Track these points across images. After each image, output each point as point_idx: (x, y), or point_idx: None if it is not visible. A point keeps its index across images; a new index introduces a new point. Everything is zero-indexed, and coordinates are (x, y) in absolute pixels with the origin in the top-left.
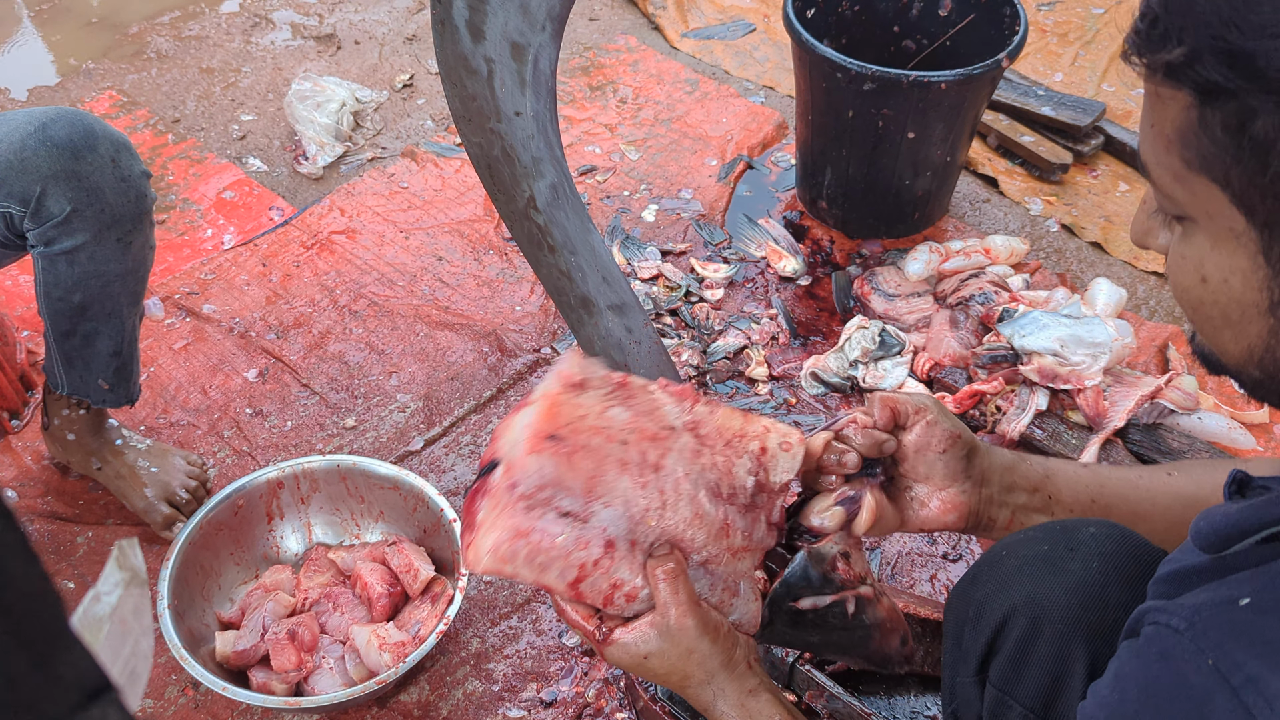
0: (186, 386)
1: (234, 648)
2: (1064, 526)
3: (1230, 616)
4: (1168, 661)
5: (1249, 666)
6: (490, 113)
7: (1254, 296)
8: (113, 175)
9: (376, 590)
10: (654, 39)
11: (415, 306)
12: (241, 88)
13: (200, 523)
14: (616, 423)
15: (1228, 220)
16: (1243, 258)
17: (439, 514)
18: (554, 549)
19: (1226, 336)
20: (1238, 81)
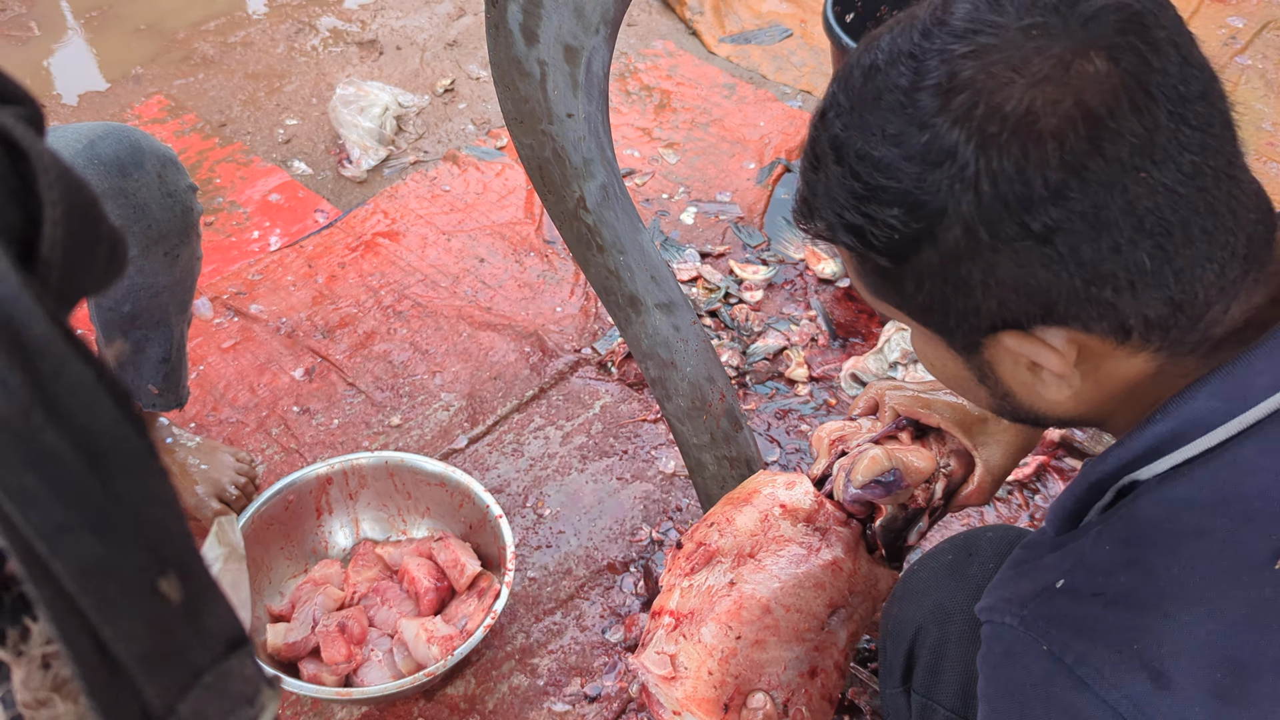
0: (235, 385)
1: (285, 640)
2: (965, 536)
3: (1051, 604)
4: (1011, 656)
5: (1075, 645)
6: (542, 115)
7: (966, 374)
8: (159, 191)
9: (424, 585)
10: (691, 44)
11: (458, 307)
12: (286, 93)
13: (251, 517)
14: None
15: (919, 329)
16: (942, 349)
17: (485, 510)
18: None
19: (972, 397)
20: (860, 249)
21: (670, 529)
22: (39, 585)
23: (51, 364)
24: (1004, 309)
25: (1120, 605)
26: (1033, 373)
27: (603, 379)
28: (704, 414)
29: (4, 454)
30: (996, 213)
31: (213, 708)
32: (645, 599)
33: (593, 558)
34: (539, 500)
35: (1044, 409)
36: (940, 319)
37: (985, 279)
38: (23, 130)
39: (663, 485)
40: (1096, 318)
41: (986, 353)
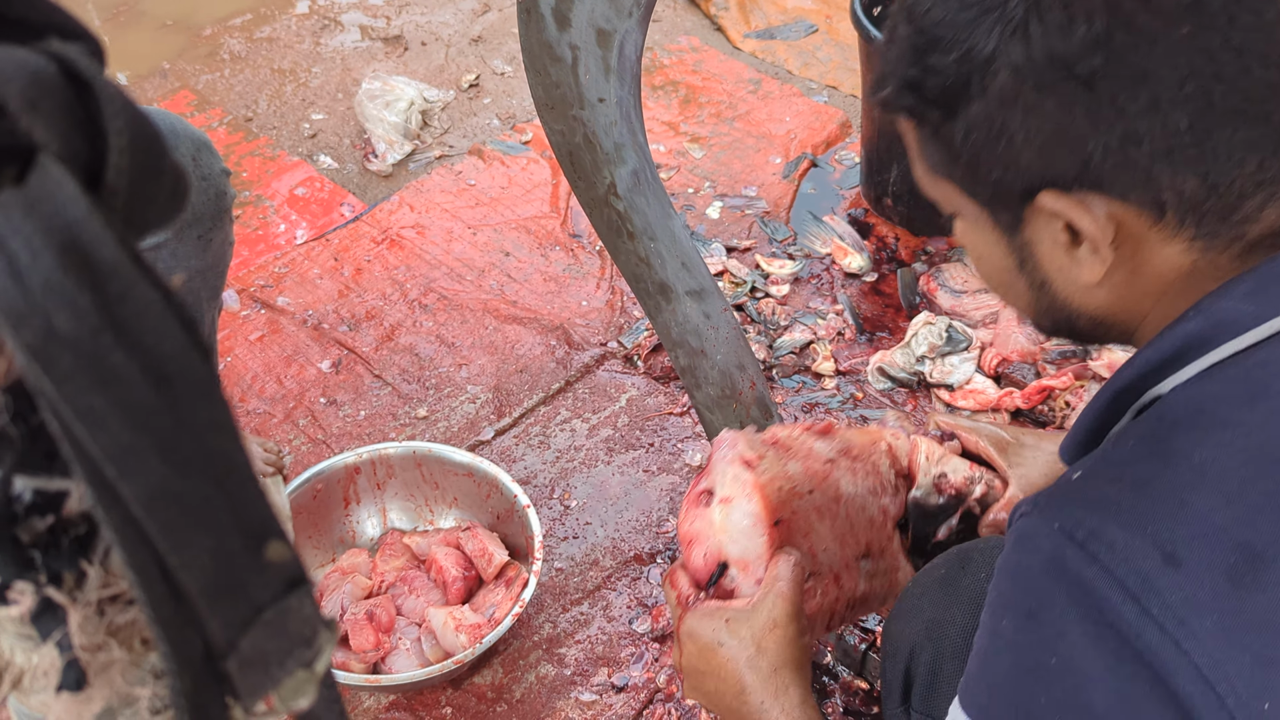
0: (262, 376)
1: None
2: (959, 549)
3: (1066, 489)
4: (1022, 540)
5: (1088, 522)
6: (573, 100)
7: (1007, 261)
8: (194, 174)
9: (451, 574)
10: (716, 39)
11: (484, 301)
12: (312, 87)
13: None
14: (798, 478)
15: (968, 207)
16: (989, 232)
17: (513, 500)
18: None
19: (1013, 297)
20: (920, 104)
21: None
22: (108, 510)
23: (119, 286)
24: (1044, 162)
25: (1137, 489)
26: (1070, 256)
27: (629, 372)
28: (734, 402)
29: (73, 374)
30: (1042, 56)
31: (272, 645)
32: None
33: (619, 549)
34: (565, 492)
35: (1078, 301)
36: (985, 184)
37: (1028, 127)
38: (87, 63)
39: (689, 478)
40: (1132, 185)
41: (1028, 230)
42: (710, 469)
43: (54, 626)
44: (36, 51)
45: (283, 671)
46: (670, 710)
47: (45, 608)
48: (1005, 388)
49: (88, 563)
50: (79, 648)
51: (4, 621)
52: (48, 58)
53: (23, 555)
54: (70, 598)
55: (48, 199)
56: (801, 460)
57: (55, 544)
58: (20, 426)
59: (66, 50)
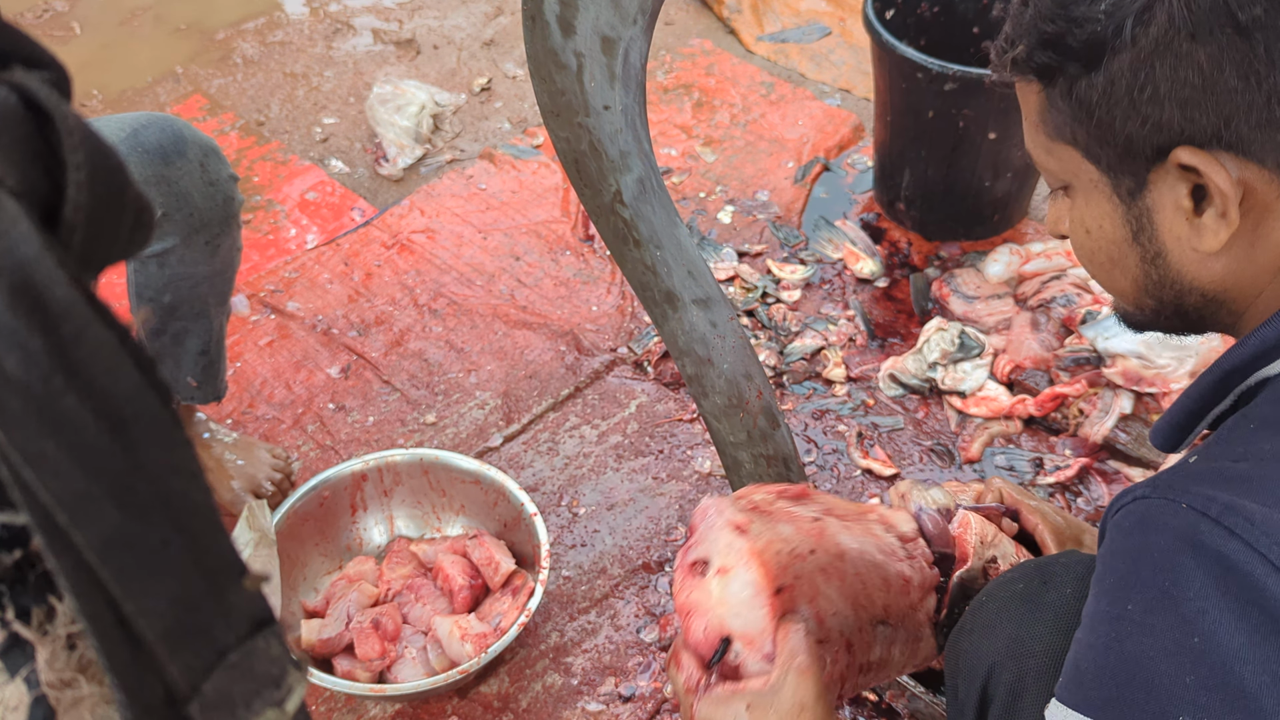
0: (271, 381)
1: (319, 636)
2: (1037, 563)
3: (1186, 471)
4: (1145, 522)
5: (1221, 498)
6: (579, 107)
7: (1122, 232)
8: (201, 180)
9: (458, 582)
10: (729, 42)
11: (493, 306)
12: (324, 91)
13: (287, 513)
14: (794, 539)
15: (1087, 174)
16: (1104, 202)
17: (520, 508)
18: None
19: (1118, 276)
20: (1058, 59)
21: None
22: (60, 556)
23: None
24: (1185, 117)
25: (1267, 465)
26: (1190, 222)
27: (639, 378)
28: (741, 411)
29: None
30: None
31: (238, 688)
32: None
33: (627, 557)
34: (574, 499)
35: (1192, 273)
36: (1115, 146)
37: (1176, 78)
38: (48, 93)
39: (699, 485)
40: (1270, 148)
41: (1150, 196)
42: (700, 538)
43: (22, 662)
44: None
45: (249, 713)
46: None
47: (13, 643)
48: (1018, 395)
49: (56, 597)
50: (46, 684)
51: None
52: (8, 88)
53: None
54: (39, 632)
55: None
56: (789, 522)
57: (22, 579)
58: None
59: (28, 80)
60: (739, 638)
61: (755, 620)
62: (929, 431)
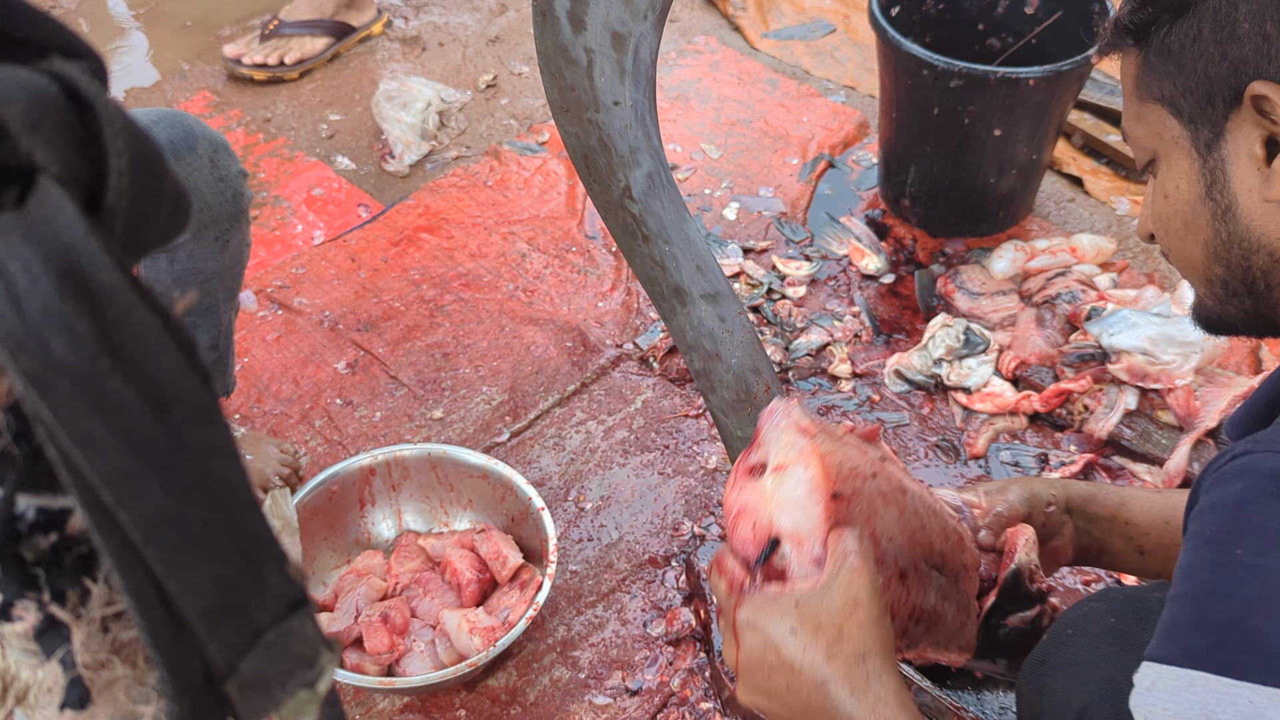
0: (279, 377)
1: (328, 629)
2: (1127, 595)
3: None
4: (1250, 470)
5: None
6: (589, 103)
7: (1197, 189)
8: (211, 175)
9: (466, 576)
10: (734, 40)
11: (499, 301)
12: (329, 88)
13: (295, 507)
14: (858, 460)
15: (1170, 132)
16: (1184, 159)
17: (527, 502)
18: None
19: (1190, 242)
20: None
21: (712, 524)
22: (105, 535)
23: (117, 311)
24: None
25: None
26: (1261, 172)
27: (645, 374)
28: (749, 406)
29: (70, 400)
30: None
31: (273, 667)
32: (687, 593)
33: (634, 552)
34: (580, 494)
35: (1261, 227)
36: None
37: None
38: (88, 82)
39: (704, 480)
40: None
41: (1226, 147)
42: (760, 440)
43: (58, 644)
44: (38, 71)
45: (284, 693)
46: (684, 714)
47: (49, 625)
48: (1023, 391)
49: (91, 580)
50: (82, 665)
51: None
52: (49, 78)
53: (26, 573)
54: (74, 615)
55: (47, 223)
56: (855, 448)
57: (59, 562)
58: (23, 446)
59: (68, 69)
60: (789, 538)
61: (808, 520)
62: (934, 427)
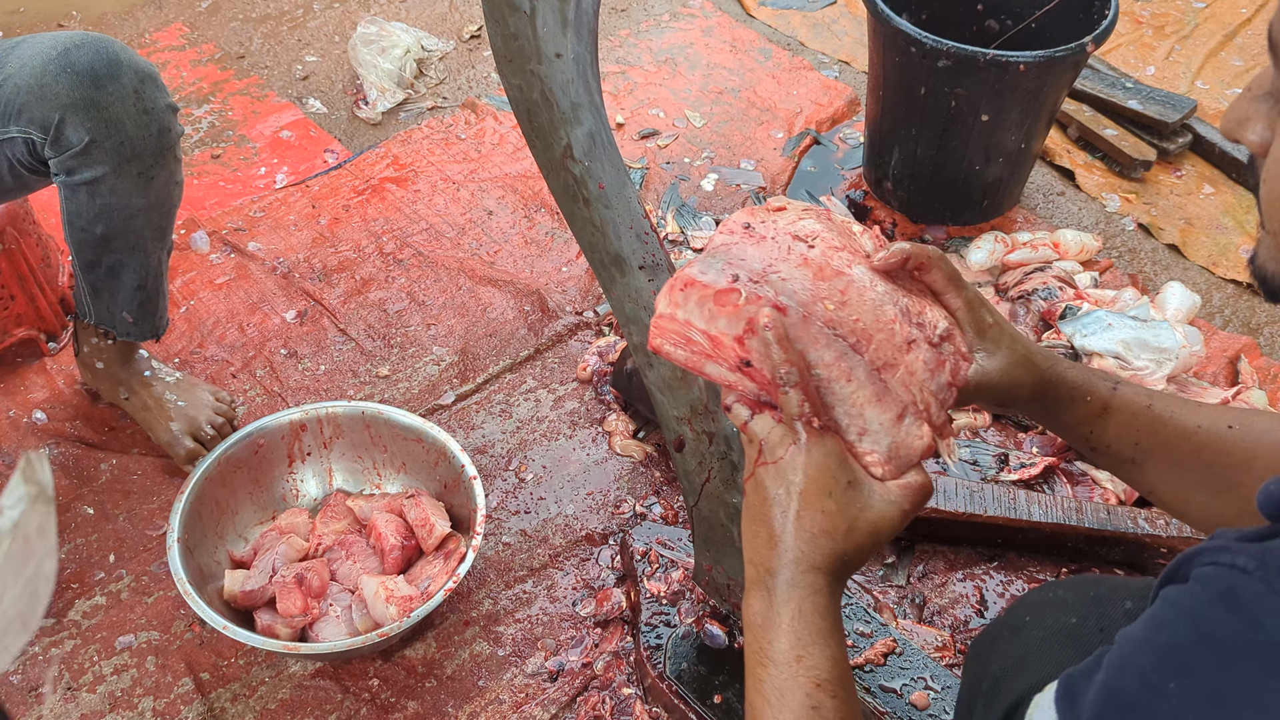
0: (224, 322)
1: (242, 587)
2: (1095, 597)
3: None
4: (1234, 604)
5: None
6: (531, 53)
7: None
8: (135, 107)
9: (390, 542)
10: (730, 5)
11: (460, 260)
12: (309, 28)
13: (219, 459)
14: (807, 229)
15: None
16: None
17: (460, 470)
18: (727, 298)
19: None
20: None
21: (655, 503)
22: None
23: None
24: None
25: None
26: None
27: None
28: (684, 385)
29: None
30: None
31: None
32: (620, 574)
33: (571, 527)
34: (522, 464)
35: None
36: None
37: None
38: None
39: (650, 459)
40: None
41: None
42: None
43: None
44: None
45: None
46: (605, 699)
47: None
48: None
49: None
50: None
51: None
52: None
53: None
54: None
55: None
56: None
57: None
58: None
59: None
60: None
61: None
62: None
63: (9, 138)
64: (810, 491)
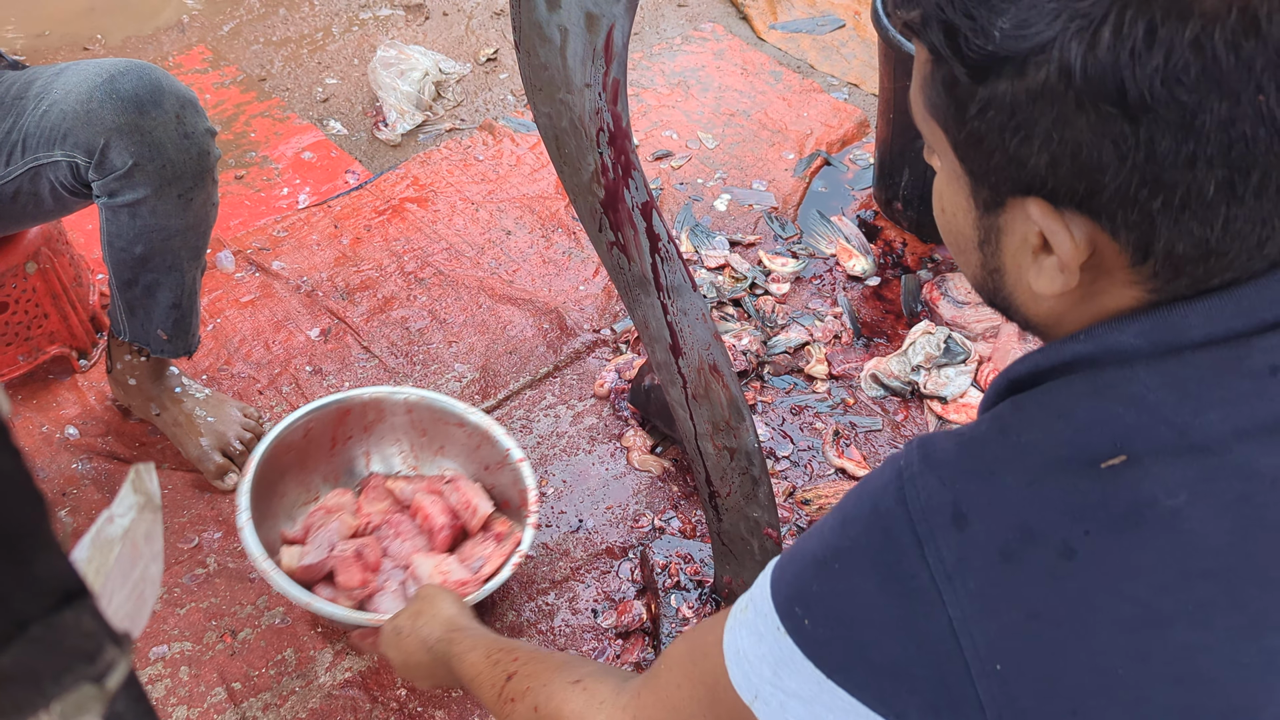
0: (250, 340)
1: (300, 562)
2: None
3: (927, 439)
4: (889, 460)
5: (915, 466)
6: (561, 83)
7: (969, 232)
8: (176, 131)
9: (438, 521)
10: (741, 29)
11: (480, 278)
12: (329, 51)
13: (272, 443)
14: None
15: (951, 162)
16: (962, 197)
17: (505, 453)
18: None
19: (963, 262)
20: (947, 50)
21: (673, 517)
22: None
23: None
24: (1051, 173)
25: (964, 448)
26: (1034, 259)
27: None
28: (707, 402)
29: None
30: (1099, 70)
31: (42, 661)
32: (640, 586)
33: (591, 540)
34: (543, 478)
35: (1022, 301)
36: (981, 159)
37: (1051, 133)
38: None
39: (668, 474)
40: (1129, 225)
41: (1003, 217)
42: None
43: None
44: None
45: (59, 687)
46: None
47: None
48: None
49: None
50: None
51: None
52: None
53: None
54: None
55: None
56: None
57: None
58: None
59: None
60: None
61: None
62: (907, 435)
63: (53, 161)
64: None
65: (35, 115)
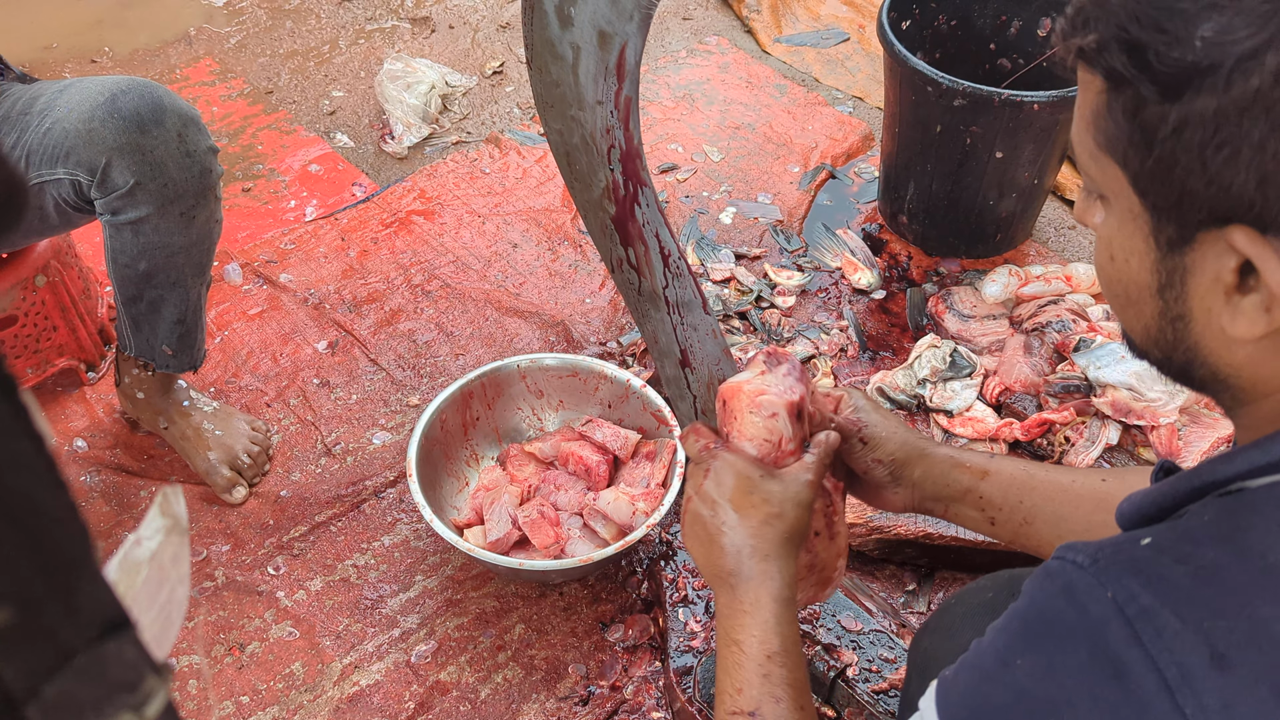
0: (258, 353)
1: (486, 540)
2: (1011, 575)
3: (1131, 554)
4: (1070, 594)
5: (1143, 599)
6: (572, 100)
7: (1147, 278)
8: (177, 150)
9: (593, 460)
10: (746, 42)
11: (486, 291)
12: (335, 64)
13: (420, 442)
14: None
15: (1128, 201)
16: (1139, 239)
17: (625, 384)
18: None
19: (1130, 315)
20: (1133, 71)
21: (679, 531)
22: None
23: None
24: (1260, 195)
25: (1201, 577)
26: (1227, 301)
27: None
28: (715, 415)
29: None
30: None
31: (85, 692)
32: (649, 600)
33: None
34: None
35: (1211, 349)
36: (1169, 190)
37: (1262, 146)
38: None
39: None
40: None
41: (1191, 255)
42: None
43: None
44: None
45: (100, 716)
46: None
47: None
48: (1005, 418)
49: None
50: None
51: None
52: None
53: None
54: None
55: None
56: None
57: None
58: None
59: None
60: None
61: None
62: None
63: (56, 179)
64: (738, 493)
65: (39, 132)
